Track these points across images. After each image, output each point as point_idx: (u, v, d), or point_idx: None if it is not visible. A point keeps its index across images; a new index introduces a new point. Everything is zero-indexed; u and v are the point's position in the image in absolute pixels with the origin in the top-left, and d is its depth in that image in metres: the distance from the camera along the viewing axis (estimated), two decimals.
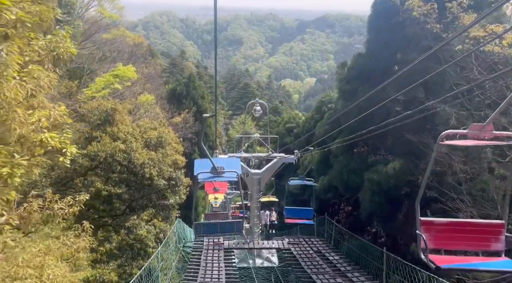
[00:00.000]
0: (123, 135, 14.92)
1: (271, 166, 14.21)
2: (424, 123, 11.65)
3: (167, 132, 16.85)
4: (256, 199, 14.27)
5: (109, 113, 15.13)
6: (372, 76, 13.65)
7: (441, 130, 4.35)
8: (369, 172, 12.32)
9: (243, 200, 14.86)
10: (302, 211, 15.12)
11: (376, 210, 12.40)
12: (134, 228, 14.19)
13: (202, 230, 11.59)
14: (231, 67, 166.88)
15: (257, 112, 13.08)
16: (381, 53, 14.26)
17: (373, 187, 11.96)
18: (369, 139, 17.32)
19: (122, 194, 14.41)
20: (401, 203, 13.48)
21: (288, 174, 28.49)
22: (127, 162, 14.55)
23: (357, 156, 16.23)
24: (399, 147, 14.24)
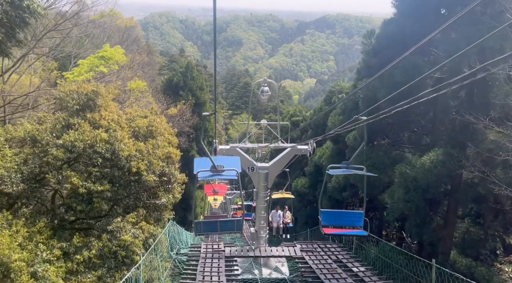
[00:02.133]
0: (106, 123, 12.67)
1: (282, 158, 11.99)
2: (472, 100, 9.46)
3: (159, 121, 14.59)
4: (263, 198, 12.03)
5: (89, 97, 12.89)
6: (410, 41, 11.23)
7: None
8: (402, 165, 10.10)
9: (243, 200, 14.42)
10: (347, 215, 10.13)
11: (410, 211, 10.17)
12: (118, 232, 11.90)
13: (202, 228, 11.50)
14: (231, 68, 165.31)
15: (265, 94, 10.89)
16: (419, 12, 11.64)
17: (407, 183, 9.74)
18: (390, 130, 15.16)
19: (104, 191, 12.13)
20: (439, 203, 11.25)
21: (294, 173, 26.28)
22: (110, 153, 12.29)
23: (377, 148, 14.02)
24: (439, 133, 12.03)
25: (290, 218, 17.12)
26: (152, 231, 12.70)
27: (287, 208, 17.31)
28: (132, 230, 12.14)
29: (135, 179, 12.85)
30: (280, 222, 16.61)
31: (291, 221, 17.08)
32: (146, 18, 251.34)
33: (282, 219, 16.83)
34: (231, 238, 37.67)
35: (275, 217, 16.64)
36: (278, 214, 16.69)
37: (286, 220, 17.06)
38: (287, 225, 16.98)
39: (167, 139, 14.66)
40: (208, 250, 12.77)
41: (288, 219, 17.06)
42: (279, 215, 16.72)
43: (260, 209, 12.22)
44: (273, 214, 16.58)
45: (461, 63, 9.73)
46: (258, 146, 12.24)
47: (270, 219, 16.02)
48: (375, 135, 14.48)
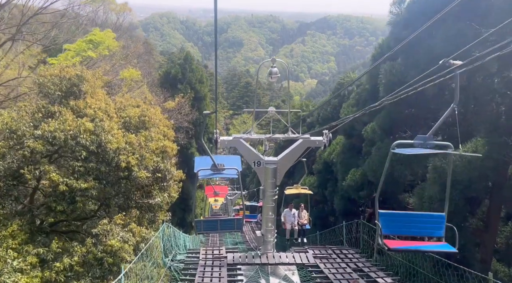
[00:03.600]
0: (91, 111, 11.14)
1: (292, 151, 10.44)
2: None
3: (154, 111, 13.06)
4: (271, 197, 10.48)
5: (73, 82, 11.37)
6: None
7: None
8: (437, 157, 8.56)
9: (244, 201, 14.18)
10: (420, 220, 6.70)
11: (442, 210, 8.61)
12: (104, 236, 10.35)
13: (202, 227, 11.36)
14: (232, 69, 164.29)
15: (273, 76, 9.36)
16: None
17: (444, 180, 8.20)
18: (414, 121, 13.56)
19: (89, 189, 10.60)
20: (479, 202, 9.67)
21: (299, 172, 24.69)
22: (96, 146, 10.76)
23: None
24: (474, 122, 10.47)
25: (307, 218, 14.27)
26: (144, 234, 11.13)
27: (303, 206, 14.48)
28: (121, 234, 10.57)
29: (124, 175, 11.31)
30: (295, 223, 13.89)
31: (308, 222, 14.26)
32: (147, 19, 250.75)
33: (297, 219, 14.06)
34: (232, 239, 36.09)
35: (289, 217, 13.96)
36: (292, 214, 14.02)
37: (302, 221, 14.17)
38: (304, 227, 14.17)
39: (162, 132, 13.13)
40: (208, 256, 11.20)
41: (304, 220, 14.22)
42: (294, 214, 14.04)
43: (268, 209, 10.66)
44: (286, 213, 14.06)
45: None
46: (265, 137, 10.67)
47: (282, 220, 13.99)
48: (397, 128, 12.94)
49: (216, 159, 9.59)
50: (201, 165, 9.54)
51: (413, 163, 11.52)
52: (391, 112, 12.73)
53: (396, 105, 13.42)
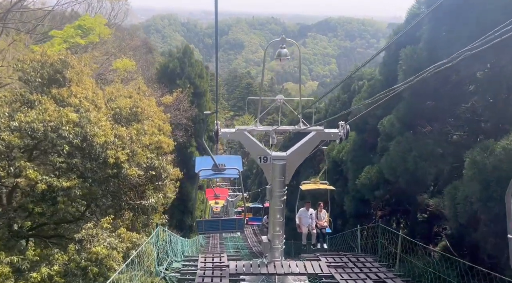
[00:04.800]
0: (76, 101, 9.87)
1: (304, 145, 9.16)
2: None
3: (148, 102, 11.79)
4: (279, 197, 9.19)
5: (56, 68, 10.11)
6: None
7: None
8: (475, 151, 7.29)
9: (245, 203, 13.52)
10: None
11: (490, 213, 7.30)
12: (88, 241, 9.05)
13: (204, 227, 11.25)
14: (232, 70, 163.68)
15: (283, 58, 8.09)
16: None
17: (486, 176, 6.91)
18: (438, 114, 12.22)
19: (72, 188, 9.32)
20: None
21: (305, 171, 23.37)
22: (81, 139, 9.49)
23: (424, 136, 11.18)
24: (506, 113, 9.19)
25: (326, 219, 11.98)
26: (135, 240, 9.82)
27: (322, 205, 12.21)
28: (108, 239, 9.27)
29: (113, 173, 10.03)
30: (312, 226, 11.70)
31: (328, 224, 11.96)
32: (148, 21, 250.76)
33: (315, 221, 11.86)
34: (234, 243, 34.72)
35: (305, 218, 11.75)
36: (309, 214, 11.84)
37: (322, 223, 11.85)
38: (323, 230, 11.81)
39: (157, 125, 11.85)
40: (208, 265, 9.89)
41: (324, 221, 11.92)
42: (311, 215, 11.85)
43: (275, 211, 9.36)
44: (301, 213, 11.81)
45: None
46: (273, 129, 9.38)
47: (297, 221, 11.78)
48: (418, 120, 11.64)
49: (217, 159, 9.43)
50: (202, 165, 9.37)
51: (438, 160, 10.21)
52: (412, 104, 11.45)
53: (416, 95, 12.16)
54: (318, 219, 12.02)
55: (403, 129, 11.80)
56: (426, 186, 12.00)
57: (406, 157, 10.86)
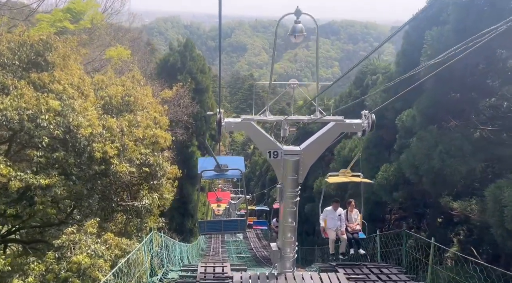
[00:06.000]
0: (59, 87, 8.63)
1: (321, 138, 7.89)
2: None
3: (142, 92, 10.55)
4: (292, 198, 7.90)
5: (37, 50, 8.88)
6: None
7: None
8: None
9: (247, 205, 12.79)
10: None
11: None
12: (69, 249, 7.78)
13: (206, 227, 11.22)
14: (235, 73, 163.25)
15: (298, 34, 6.83)
16: None
17: None
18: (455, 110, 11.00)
19: (52, 187, 8.06)
20: None
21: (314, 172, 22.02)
22: (63, 131, 8.25)
23: (451, 131, 9.91)
24: None
25: (359, 221, 9.78)
26: (125, 246, 8.54)
27: (354, 204, 9.96)
28: (93, 246, 7.99)
29: (100, 170, 8.75)
30: (342, 230, 9.54)
31: (360, 228, 9.73)
32: (151, 23, 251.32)
33: (344, 223, 9.62)
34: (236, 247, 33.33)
35: (332, 220, 9.53)
36: (337, 215, 9.58)
37: (353, 226, 9.65)
38: (355, 235, 9.59)
39: (152, 118, 10.59)
40: (208, 275, 8.60)
41: (356, 224, 9.72)
42: (340, 216, 9.58)
43: (287, 215, 8.07)
44: (327, 214, 9.62)
45: None
46: (285, 118, 8.11)
47: (322, 224, 9.66)
48: (442, 114, 10.37)
49: (219, 159, 9.29)
50: (205, 166, 9.24)
51: (468, 156, 8.90)
52: (435, 95, 10.19)
53: (441, 86, 10.87)
54: (348, 221, 9.84)
55: (426, 124, 10.51)
56: (454, 186, 10.66)
57: (430, 153, 9.57)
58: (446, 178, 9.37)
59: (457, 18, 9.29)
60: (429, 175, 9.61)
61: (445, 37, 9.32)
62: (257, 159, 54.97)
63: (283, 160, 8.01)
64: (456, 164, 8.98)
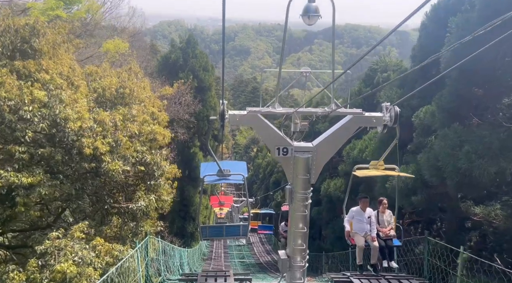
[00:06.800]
0: (47, 77, 7.83)
1: (337, 133, 7.00)
2: None
3: (139, 84, 9.75)
4: (302, 201, 7.00)
5: (23, 36, 8.11)
6: None
7: None
8: None
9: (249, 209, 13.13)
10: None
11: None
12: (53, 255, 6.94)
13: (208, 233, 11.24)
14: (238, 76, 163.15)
15: (311, 15, 5.94)
16: None
17: None
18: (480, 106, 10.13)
19: (36, 186, 7.25)
20: None
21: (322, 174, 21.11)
22: (49, 124, 7.44)
23: (475, 128, 9.03)
24: None
25: (393, 225, 8.27)
26: (116, 253, 7.69)
27: (387, 203, 8.45)
28: (81, 253, 7.15)
29: (91, 168, 7.92)
30: (372, 235, 7.90)
31: (393, 233, 8.18)
32: (155, 26, 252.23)
33: (374, 226, 7.99)
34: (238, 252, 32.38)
35: (359, 223, 7.97)
36: (366, 217, 7.99)
37: (386, 231, 8.14)
38: (389, 242, 8.06)
39: (149, 113, 9.78)
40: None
41: (390, 228, 8.21)
42: (369, 219, 7.98)
43: (297, 219, 7.16)
44: (354, 215, 8.06)
45: None
46: (296, 110, 7.23)
47: (347, 227, 8.10)
48: (467, 110, 9.50)
49: (222, 164, 9.38)
50: (207, 171, 9.30)
51: (498, 156, 8.00)
52: (459, 89, 9.32)
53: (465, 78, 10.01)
54: (379, 224, 8.23)
55: (447, 120, 9.63)
56: (483, 188, 9.74)
57: (456, 153, 8.67)
58: (474, 180, 8.45)
59: (485, 2, 8.43)
60: (454, 176, 8.69)
61: (472, 25, 8.46)
62: (261, 161, 54.07)
63: (293, 158, 7.11)
64: (486, 165, 8.07)
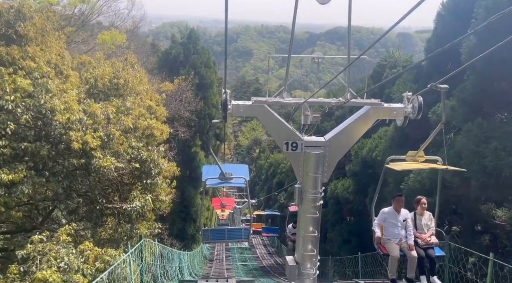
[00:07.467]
0: (32, 64, 7.14)
1: (353, 126, 6.30)
2: None
3: (134, 74, 9.04)
4: (313, 202, 6.29)
5: (7, 20, 7.43)
6: None
7: None
8: None
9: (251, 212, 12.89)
10: None
11: None
12: (35, 261, 6.22)
13: (209, 236, 11.15)
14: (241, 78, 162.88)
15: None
16: None
17: None
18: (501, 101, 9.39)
19: (19, 184, 6.54)
20: None
21: None
22: (34, 116, 6.75)
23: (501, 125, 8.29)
24: None
25: (433, 229, 6.87)
26: (108, 258, 6.96)
27: (426, 204, 6.94)
28: (67, 258, 6.43)
29: (80, 164, 7.21)
30: (409, 243, 6.60)
31: (435, 241, 6.78)
32: (158, 27, 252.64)
33: (411, 232, 6.69)
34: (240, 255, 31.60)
35: (392, 227, 6.76)
36: (401, 220, 6.78)
37: (426, 237, 6.71)
38: (430, 252, 6.64)
39: (146, 106, 9.07)
40: None
41: (431, 234, 6.79)
42: (404, 222, 6.75)
43: (307, 222, 6.46)
44: (386, 217, 6.86)
45: None
46: (307, 101, 6.52)
47: (377, 233, 6.85)
48: (491, 104, 8.76)
49: (224, 167, 9.34)
50: (209, 174, 9.28)
51: None
52: (483, 82, 8.58)
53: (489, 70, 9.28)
54: (417, 229, 6.86)
55: (470, 115, 8.89)
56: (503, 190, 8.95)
57: (481, 151, 7.94)
58: (506, 179, 7.69)
59: None
60: (479, 176, 7.94)
61: (503, 5, 7.71)
62: (263, 163, 53.38)
63: (303, 153, 6.39)
64: None
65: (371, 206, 7.49)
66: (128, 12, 18.72)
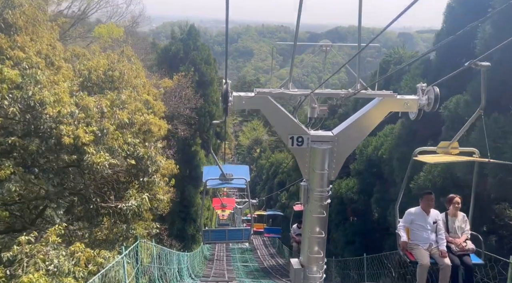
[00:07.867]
0: (21, 54, 6.72)
1: (364, 119, 5.88)
2: None
3: (130, 66, 8.62)
4: (320, 201, 5.85)
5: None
6: None
7: None
8: None
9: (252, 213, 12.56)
10: None
11: None
12: (20, 263, 5.81)
13: (210, 236, 11.00)
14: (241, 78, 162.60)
15: None
16: None
17: None
18: None
19: (5, 181, 6.14)
20: None
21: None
22: (23, 109, 6.33)
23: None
24: None
25: (469, 233, 6.01)
26: (101, 260, 6.54)
27: (460, 203, 6.05)
28: (57, 260, 6.01)
29: (71, 160, 6.79)
30: (441, 250, 5.75)
31: (470, 245, 5.88)
32: (158, 27, 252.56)
33: (443, 236, 5.87)
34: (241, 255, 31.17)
35: (422, 231, 5.96)
36: (431, 222, 5.99)
37: (460, 242, 5.84)
38: (466, 259, 5.76)
39: (143, 100, 8.65)
40: None
41: (466, 239, 5.93)
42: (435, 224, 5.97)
43: (314, 222, 6.04)
44: (413, 219, 6.12)
45: None
46: (313, 92, 6.09)
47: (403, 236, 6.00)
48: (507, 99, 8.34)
49: (224, 168, 9.29)
50: (210, 175, 9.14)
51: None
52: (501, 73, 8.16)
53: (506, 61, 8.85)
54: (449, 233, 6.04)
55: (486, 110, 8.44)
56: None
57: (499, 146, 7.53)
58: None
59: None
60: (497, 172, 7.51)
61: None
62: (264, 162, 52.97)
63: (309, 149, 5.95)
64: None
65: (395, 206, 6.75)
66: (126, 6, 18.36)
